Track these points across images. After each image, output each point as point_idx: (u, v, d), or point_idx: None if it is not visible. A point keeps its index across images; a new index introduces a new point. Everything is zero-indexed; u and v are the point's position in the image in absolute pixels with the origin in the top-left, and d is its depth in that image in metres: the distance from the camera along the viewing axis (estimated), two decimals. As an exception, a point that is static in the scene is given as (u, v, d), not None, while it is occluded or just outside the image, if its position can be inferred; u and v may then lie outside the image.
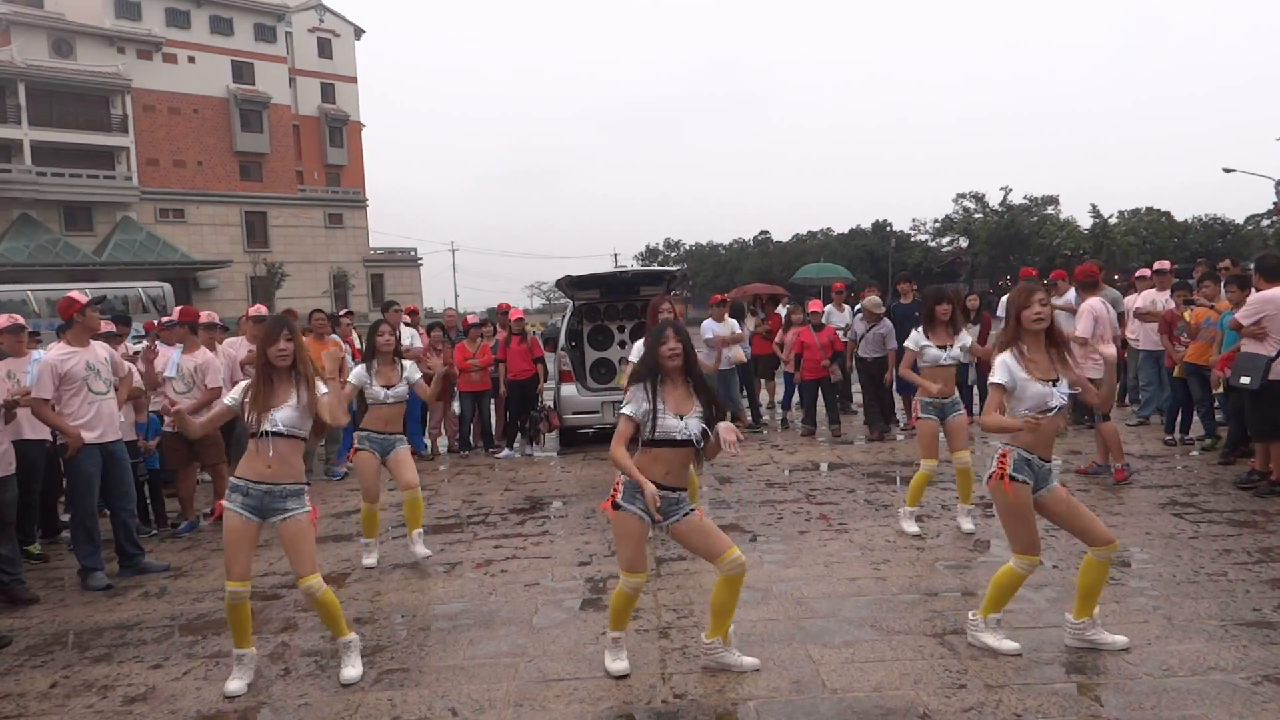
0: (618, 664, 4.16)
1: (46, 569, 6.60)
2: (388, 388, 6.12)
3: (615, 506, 4.03)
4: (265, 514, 4.23)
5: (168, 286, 16.74)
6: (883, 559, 5.77)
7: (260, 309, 9.42)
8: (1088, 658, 4.08)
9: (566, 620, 4.96)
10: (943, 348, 6.32)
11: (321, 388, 4.38)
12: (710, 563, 4.07)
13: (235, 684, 4.21)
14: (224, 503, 4.25)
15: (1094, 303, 7.70)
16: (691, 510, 4.08)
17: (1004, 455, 4.12)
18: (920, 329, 6.45)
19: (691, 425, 3.98)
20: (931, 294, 6.55)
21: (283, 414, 4.22)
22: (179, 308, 8.53)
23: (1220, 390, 8.01)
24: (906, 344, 6.58)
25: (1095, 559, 4.10)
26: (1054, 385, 4.08)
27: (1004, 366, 4.12)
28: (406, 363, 6.34)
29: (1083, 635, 4.17)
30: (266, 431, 4.17)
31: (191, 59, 49.27)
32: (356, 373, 6.22)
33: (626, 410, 4.02)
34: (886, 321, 10.93)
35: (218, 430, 7.72)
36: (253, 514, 4.21)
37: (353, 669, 4.27)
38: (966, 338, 6.49)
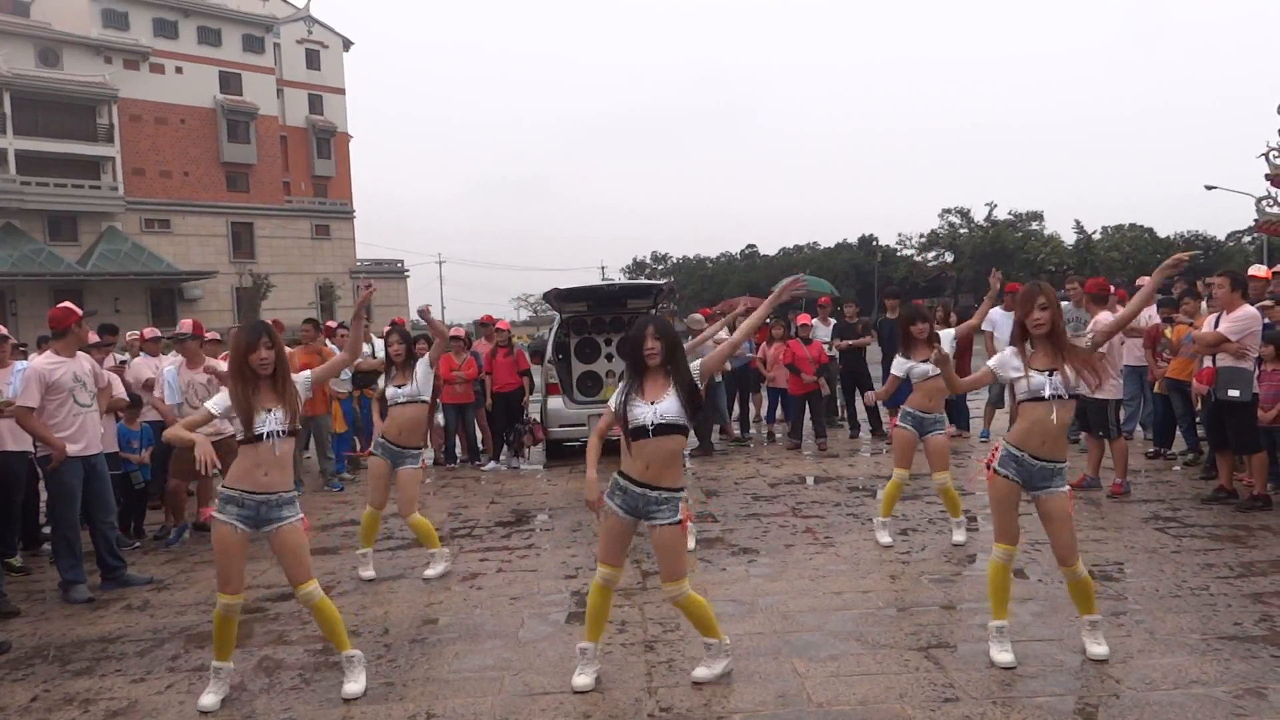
0: (580, 678, 4.12)
1: (28, 581, 6.54)
2: (399, 387, 6.20)
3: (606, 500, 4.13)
4: (260, 524, 4.13)
5: None
6: (868, 573, 5.79)
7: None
8: (1071, 671, 4.11)
9: (552, 633, 4.95)
10: (927, 361, 6.33)
11: (298, 377, 4.34)
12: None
13: (210, 698, 4.14)
14: (214, 513, 4.15)
15: (1104, 316, 7.76)
16: (676, 521, 4.02)
17: (996, 447, 4.33)
18: (900, 354, 6.48)
19: (661, 409, 3.94)
20: (905, 315, 6.58)
21: (278, 414, 4.11)
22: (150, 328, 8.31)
23: (1201, 406, 8.08)
24: (892, 371, 6.55)
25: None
26: (1049, 375, 4.12)
27: (1000, 356, 4.36)
28: (420, 365, 6.33)
29: (1080, 633, 4.34)
30: (269, 433, 4.06)
31: (179, 69, 49.14)
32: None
33: (609, 402, 4.17)
34: None
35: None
36: (246, 525, 4.11)
37: (355, 684, 4.21)
38: (948, 332, 6.53)
